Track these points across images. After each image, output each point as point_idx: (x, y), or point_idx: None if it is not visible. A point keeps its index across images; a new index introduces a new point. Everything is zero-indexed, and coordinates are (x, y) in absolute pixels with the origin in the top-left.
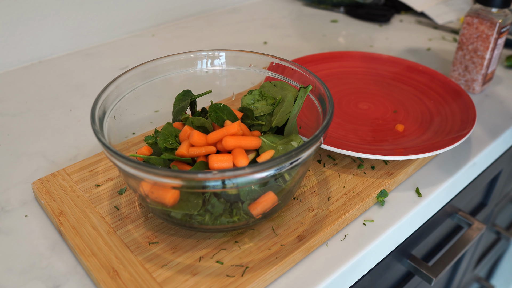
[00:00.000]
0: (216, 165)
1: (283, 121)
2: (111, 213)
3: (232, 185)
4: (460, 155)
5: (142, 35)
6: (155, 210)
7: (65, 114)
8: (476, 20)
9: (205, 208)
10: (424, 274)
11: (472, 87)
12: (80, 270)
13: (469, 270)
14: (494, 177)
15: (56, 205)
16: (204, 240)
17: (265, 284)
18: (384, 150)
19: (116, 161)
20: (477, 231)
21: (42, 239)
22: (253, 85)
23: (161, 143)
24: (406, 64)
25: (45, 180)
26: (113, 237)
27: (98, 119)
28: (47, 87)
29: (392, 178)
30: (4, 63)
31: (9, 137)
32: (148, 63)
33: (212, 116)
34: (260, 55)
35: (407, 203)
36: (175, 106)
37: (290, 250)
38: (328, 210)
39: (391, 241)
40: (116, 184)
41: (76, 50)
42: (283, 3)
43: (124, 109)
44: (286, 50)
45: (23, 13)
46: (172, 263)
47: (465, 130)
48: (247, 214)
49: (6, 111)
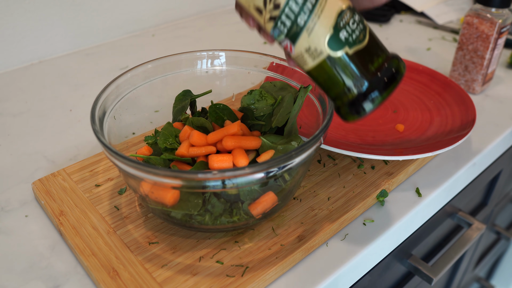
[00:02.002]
0: (216, 165)
1: (283, 121)
2: (111, 213)
3: (232, 185)
4: (460, 155)
5: (142, 35)
6: (155, 210)
7: (65, 114)
8: (476, 20)
9: (205, 208)
10: (424, 274)
11: (472, 87)
12: (80, 270)
13: (469, 270)
14: (494, 177)
15: (56, 205)
16: (204, 240)
17: (265, 284)
18: (384, 150)
19: (116, 161)
20: (477, 231)
21: (42, 239)
22: (253, 85)
23: (161, 143)
24: (406, 64)
25: (45, 180)
26: (113, 237)
27: (98, 119)
28: (47, 87)
29: (392, 178)
30: (4, 63)
31: (9, 137)
32: (148, 63)
33: (212, 116)
34: (260, 55)
35: (407, 203)
36: (175, 106)
37: (290, 250)
38: (328, 210)
39: (391, 241)
40: (116, 184)
41: (76, 50)
42: None
43: (124, 109)
44: None
45: (23, 13)
46: (172, 263)
47: (465, 130)
48: (247, 214)
49: (6, 111)
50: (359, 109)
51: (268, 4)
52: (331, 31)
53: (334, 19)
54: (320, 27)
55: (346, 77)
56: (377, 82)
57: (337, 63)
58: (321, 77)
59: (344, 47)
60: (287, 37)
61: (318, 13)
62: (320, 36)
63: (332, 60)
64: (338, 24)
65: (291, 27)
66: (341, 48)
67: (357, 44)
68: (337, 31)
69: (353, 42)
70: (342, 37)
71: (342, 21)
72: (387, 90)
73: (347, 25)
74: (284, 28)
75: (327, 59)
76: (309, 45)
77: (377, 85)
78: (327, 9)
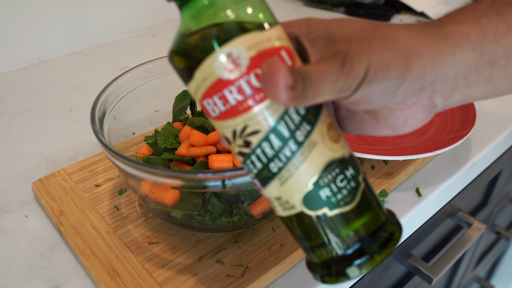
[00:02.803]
0: (216, 165)
1: None
2: (111, 213)
3: (232, 185)
4: (460, 155)
5: (142, 35)
6: (155, 210)
7: (65, 114)
8: None
9: (205, 208)
10: (424, 274)
11: None
12: (80, 270)
13: (469, 270)
14: (494, 177)
15: (56, 205)
16: (204, 240)
17: (265, 284)
18: (384, 150)
19: (116, 161)
20: (477, 231)
21: (42, 239)
22: None
23: (161, 143)
24: None
25: (45, 180)
26: (113, 237)
27: (98, 119)
28: (47, 87)
29: (392, 178)
30: (4, 63)
31: (9, 137)
32: (148, 63)
33: None
34: None
35: (407, 203)
36: (175, 106)
37: (290, 250)
38: None
39: None
40: (116, 184)
41: (76, 50)
42: (283, 3)
43: (124, 109)
44: None
45: (23, 13)
46: (172, 263)
47: (465, 130)
48: (247, 214)
49: (6, 111)
50: (330, 273)
51: (237, 138)
52: (310, 187)
53: (317, 173)
54: (296, 180)
55: (320, 236)
56: (358, 251)
57: (312, 222)
58: (290, 228)
59: (323, 208)
60: (256, 178)
61: (297, 164)
62: (295, 190)
63: (307, 218)
64: (320, 179)
65: (261, 171)
66: (319, 208)
67: (341, 207)
68: (318, 188)
69: (336, 204)
70: (323, 195)
71: (327, 177)
72: (368, 262)
73: (332, 183)
74: (253, 169)
75: (300, 215)
76: (280, 195)
77: (356, 254)
78: (311, 158)
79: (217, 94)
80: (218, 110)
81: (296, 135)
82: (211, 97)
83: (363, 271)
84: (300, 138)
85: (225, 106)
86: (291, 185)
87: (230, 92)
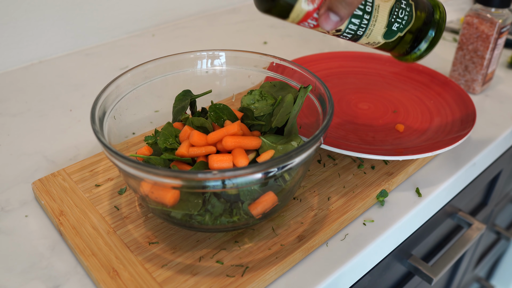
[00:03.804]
0: (216, 165)
1: (283, 121)
2: (111, 213)
3: (232, 185)
4: (460, 155)
5: (142, 35)
6: (155, 210)
7: (65, 114)
8: (476, 20)
9: (205, 208)
10: (424, 274)
11: (472, 87)
12: (80, 270)
13: (469, 270)
14: (494, 177)
15: (56, 205)
16: (204, 240)
17: (265, 284)
18: (384, 150)
19: (116, 161)
20: (477, 231)
21: (42, 239)
22: (253, 85)
23: (161, 143)
24: (406, 64)
25: (45, 180)
26: (113, 237)
27: (98, 119)
28: (47, 87)
29: (392, 178)
30: (4, 63)
31: (9, 137)
32: (148, 63)
33: (212, 116)
34: (260, 55)
35: (407, 203)
36: (175, 106)
37: (290, 250)
38: (328, 210)
39: (391, 241)
40: (116, 184)
41: (76, 50)
42: None
43: (124, 109)
44: (286, 50)
45: (23, 13)
46: (172, 263)
47: (465, 130)
48: (247, 214)
49: (6, 111)
50: (415, 50)
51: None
52: (385, 29)
53: (386, 20)
54: (376, 31)
55: (401, 44)
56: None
57: (393, 41)
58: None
59: (397, 34)
60: (349, 40)
61: (373, 23)
62: (377, 35)
63: (389, 43)
64: (390, 22)
65: (352, 36)
66: (394, 35)
67: (407, 26)
68: (390, 26)
69: (403, 27)
70: (395, 28)
71: (393, 17)
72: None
73: (397, 18)
74: (346, 36)
75: (384, 44)
76: (368, 41)
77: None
78: (380, 15)
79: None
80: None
81: (367, 9)
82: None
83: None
84: (369, 9)
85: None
86: (374, 34)
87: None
